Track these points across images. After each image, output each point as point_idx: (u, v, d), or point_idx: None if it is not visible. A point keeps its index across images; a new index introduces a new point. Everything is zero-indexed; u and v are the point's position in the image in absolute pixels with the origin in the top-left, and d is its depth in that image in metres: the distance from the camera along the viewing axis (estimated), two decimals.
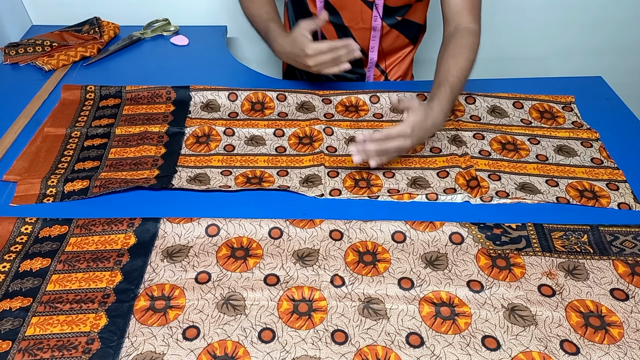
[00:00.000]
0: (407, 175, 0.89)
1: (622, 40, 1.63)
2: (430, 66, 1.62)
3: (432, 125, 0.86)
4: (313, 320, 0.67)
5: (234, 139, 0.97)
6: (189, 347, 0.64)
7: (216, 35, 1.33)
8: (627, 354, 0.64)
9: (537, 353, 0.64)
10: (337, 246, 0.77)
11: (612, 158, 0.93)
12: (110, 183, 0.85)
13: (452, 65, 0.91)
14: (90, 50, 1.21)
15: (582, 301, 0.70)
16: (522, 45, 1.62)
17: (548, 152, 0.94)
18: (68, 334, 0.65)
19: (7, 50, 1.18)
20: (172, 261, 0.74)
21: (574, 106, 1.05)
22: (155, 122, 0.99)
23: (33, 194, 0.84)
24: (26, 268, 0.73)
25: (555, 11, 1.53)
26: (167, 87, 1.06)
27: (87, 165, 0.89)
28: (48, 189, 0.84)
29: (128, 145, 0.94)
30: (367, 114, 1.03)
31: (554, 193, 0.85)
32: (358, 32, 1.10)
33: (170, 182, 0.86)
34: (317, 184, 0.87)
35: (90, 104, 1.04)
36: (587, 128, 1.00)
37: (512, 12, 1.53)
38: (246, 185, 0.86)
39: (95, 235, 0.77)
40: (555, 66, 1.68)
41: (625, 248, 0.77)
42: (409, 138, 0.82)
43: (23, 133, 0.97)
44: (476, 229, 0.79)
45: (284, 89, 1.06)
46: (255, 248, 0.76)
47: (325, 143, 0.95)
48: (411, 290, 0.71)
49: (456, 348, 0.65)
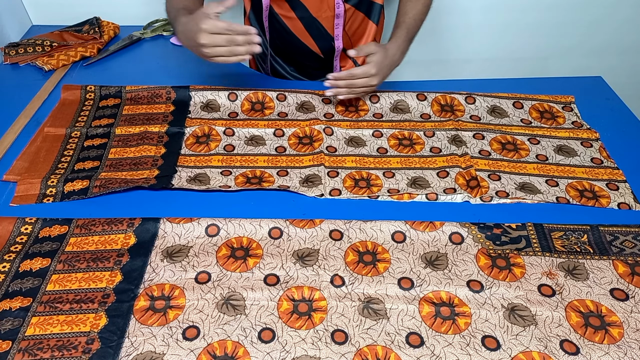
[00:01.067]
0: (407, 175, 0.89)
1: (622, 40, 1.63)
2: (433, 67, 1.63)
3: (391, 62, 1.00)
4: (313, 320, 0.67)
5: (234, 138, 0.97)
6: (189, 347, 0.64)
7: None
8: (627, 354, 0.64)
9: (537, 353, 0.64)
10: (337, 246, 0.77)
11: (612, 158, 0.93)
12: (110, 183, 0.85)
13: (409, 9, 1.06)
14: (90, 50, 1.21)
15: (582, 301, 0.70)
16: (522, 45, 1.62)
17: (548, 152, 0.94)
18: (68, 334, 0.65)
19: (7, 50, 1.18)
20: (172, 261, 0.74)
21: (573, 106, 1.05)
22: (155, 122, 0.99)
23: (33, 194, 0.84)
24: (26, 268, 0.73)
25: (555, 11, 1.54)
26: (167, 87, 1.06)
27: (87, 165, 0.89)
28: (48, 189, 0.84)
29: (128, 145, 0.94)
30: (367, 114, 1.03)
31: (554, 193, 0.85)
32: (325, 21, 1.10)
33: (170, 182, 0.86)
34: (317, 184, 0.87)
35: (90, 103, 1.04)
36: (587, 128, 1.00)
37: (513, 12, 1.53)
38: (246, 185, 0.86)
39: (95, 235, 0.77)
40: (555, 66, 1.68)
41: (625, 248, 0.77)
42: (374, 76, 0.96)
43: (23, 133, 0.97)
44: (476, 229, 0.79)
45: (284, 89, 1.06)
46: (255, 248, 0.76)
47: (325, 143, 0.95)
48: (411, 290, 0.71)
49: (456, 348, 0.65)
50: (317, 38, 1.13)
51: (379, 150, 0.94)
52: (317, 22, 1.10)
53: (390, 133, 0.98)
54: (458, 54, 1.65)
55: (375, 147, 0.95)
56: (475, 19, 1.55)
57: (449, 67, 1.67)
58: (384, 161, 0.92)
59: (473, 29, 1.58)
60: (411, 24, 1.04)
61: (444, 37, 1.58)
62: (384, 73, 0.98)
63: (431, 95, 1.05)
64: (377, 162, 0.92)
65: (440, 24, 1.52)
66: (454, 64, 1.67)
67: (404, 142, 0.96)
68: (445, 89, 1.07)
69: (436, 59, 1.61)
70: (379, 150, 0.94)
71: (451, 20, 1.54)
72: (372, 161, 0.92)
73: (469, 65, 1.67)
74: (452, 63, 1.67)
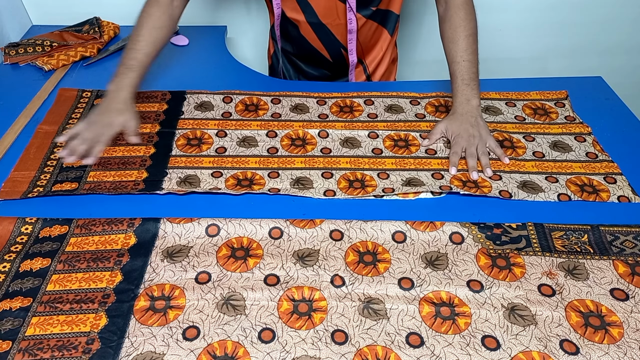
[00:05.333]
0: (402, 177, 0.89)
1: (622, 40, 1.63)
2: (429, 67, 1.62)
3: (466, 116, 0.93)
4: (313, 321, 0.67)
5: (226, 140, 0.96)
6: (189, 347, 0.64)
7: (216, 35, 1.32)
8: (627, 354, 0.64)
9: (537, 353, 0.64)
10: (338, 246, 0.77)
11: (606, 152, 0.93)
12: (98, 187, 0.85)
13: (455, 52, 0.96)
14: (90, 50, 1.21)
15: (582, 301, 0.70)
16: (522, 45, 1.62)
17: (544, 149, 0.95)
18: (68, 334, 0.65)
19: (7, 50, 1.18)
20: (172, 261, 0.74)
21: (566, 102, 1.06)
22: (146, 120, 0.99)
23: (19, 190, 0.84)
24: (26, 268, 0.73)
25: (555, 11, 1.53)
26: (163, 91, 1.06)
27: (75, 163, 0.89)
28: (36, 188, 0.84)
29: (117, 145, 0.94)
30: (362, 115, 1.03)
31: (555, 190, 0.86)
32: (336, 29, 1.09)
33: (160, 186, 0.86)
34: (308, 187, 0.86)
35: (85, 101, 1.04)
36: (580, 122, 1.00)
37: (512, 12, 1.53)
38: (236, 187, 0.86)
39: (95, 235, 0.77)
40: (555, 66, 1.68)
41: (626, 248, 0.77)
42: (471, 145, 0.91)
43: (23, 133, 0.97)
44: (476, 228, 0.79)
45: (279, 93, 1.06)
46: (256, 248, 0.76)
47: (319, 146, 0.95)
48: (411, 290, 0.71)
49: (456, 348, 0.65)
50: (326, 44, 1.12)
51: (373, 151, 0.94)
52: (325, 27, 1.09)
53: (386, 134, 0.98)
54: None
55: (371, 148, 0.95)
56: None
57: (446, 67, 1.66)
58: (378, 162, 0.92)
59: None
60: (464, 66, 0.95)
61: None
62: (472, 132, 0.92)
63: (424, 101, 1.06)
64: (371, 163, 0.91)
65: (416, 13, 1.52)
66: None
67: (399, 143, 0.96)
68: (444, 90, 1.08)
69: (436, 59, 1.61)
70: (373, 151, 0.94)
71: None
72: (366, 162, 0.92)
73: None
74: None
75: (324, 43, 1.12)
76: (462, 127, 0.92)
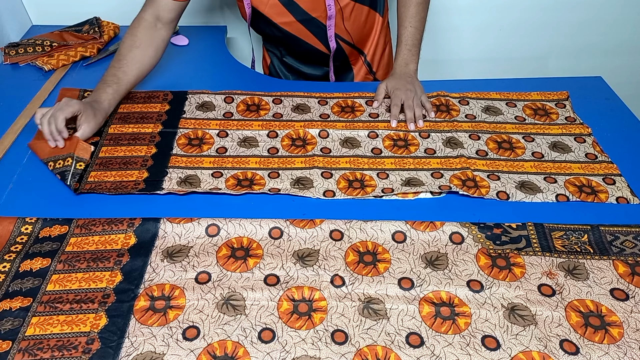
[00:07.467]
0: (401, 177, 0.89)
1: (622, 41, 1.63)
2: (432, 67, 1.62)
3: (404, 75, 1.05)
4: (313, 321, 0.67)
5: (227, 140, 0.96)
6: (189, 347, 0.64)
7: (216, 35, 1.33)
8: (627, 354, 0.64)
9: (537, 353, 0.64)
10: (338, 246, 0.77)
11: (605, 152, 0.93)
12: (99, 187, 0.85)
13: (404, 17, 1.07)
14: (90, 50, 1.21)
15: (582, 301, 0.70)
16: (522, 45, 1.62)
17: (543, 149, 0.95)
18: (68, 334, 0.65)
19: (7, 50, 1.18)
20: (172, 261, 0.74)
21: (567, 102, 1.06)
22: (149, 120, 0.99)
23: None
24: (26, 268, 0.73)
25: (556, 11, 1.54)
26: (165, 91, 1.06)
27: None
28: None
29: (119, 145, 0.94)
30: (363, 114, 1.03)
31: (553, 190, 0.86)
32: (324, 19, 1.09)
33: (160, 186, 0.86)
34: (309, 187, 0.86)
35: None
36: (580, 123, 1.00)
37: (512, 12, 1.53)
38: (237, 188, 0.86)
39: (95, 235, 0.77)
40: (555, 66, 1.68)
41: (626, 248, 0.77)
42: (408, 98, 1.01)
43: (23, 133, 0.97)
44: (476, 228, 0.79)
45: (280, 93, 1.07)
46: (256, 248, 0.76)
47: (319, 145, 0.95)
48: (411, 290, 0.71)
49: (456, 348, 0.65)
50: (322, 38, 1.12)
51: (373, 151, 0.94)
52: (316, 21, 1.09)
53: (385, 134, 0.98)
54: (457, 54, 1.65)
55: (370, 148, 0.95)
56: (475, 19, 1.55)
57: (447, 67, 1.67)
58: (378, 162, 0.92)
59: (472, 29, 1.58)
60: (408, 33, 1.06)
61: (443, 37, 1.58)
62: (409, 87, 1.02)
63: None
64: (371, 163, 0.92)
65: (439, 23, 1.52)
66: (452, 64, 1.67)
67: (398, 142, 0.96)
68: (441, 89, 1.08)
69: (434, 58, 1.61)
70: (373, 151, 0.94)
71: (450, 20, 1.54)
72: (366, 162, 0.92)
73: (467, 65, 1.67)
74: (450, 63, 1.67)
75: (319, 37, 1.12)
76: (400, 82, 1.04)
